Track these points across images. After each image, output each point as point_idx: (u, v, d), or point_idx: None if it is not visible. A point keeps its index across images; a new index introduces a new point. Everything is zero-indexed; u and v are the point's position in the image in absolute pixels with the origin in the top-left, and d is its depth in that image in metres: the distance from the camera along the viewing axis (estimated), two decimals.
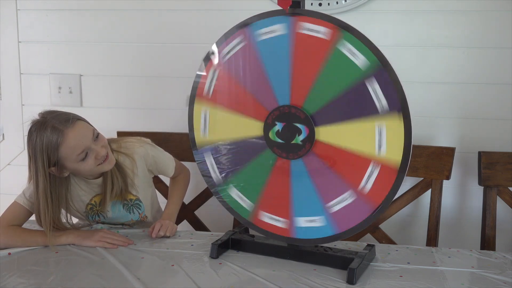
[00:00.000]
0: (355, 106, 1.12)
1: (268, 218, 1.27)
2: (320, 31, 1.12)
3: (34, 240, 1.34)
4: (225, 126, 1.29)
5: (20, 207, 1.38)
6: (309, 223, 1.22)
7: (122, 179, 1.43)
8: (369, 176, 1.13)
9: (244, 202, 1.30)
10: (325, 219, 1.20)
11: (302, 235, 1.24)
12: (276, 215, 1.26)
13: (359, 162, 1.14)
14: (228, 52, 1.24)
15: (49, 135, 1.26)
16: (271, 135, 1.22)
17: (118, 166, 1.42)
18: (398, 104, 1.07)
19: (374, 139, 1.11)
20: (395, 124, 1.08)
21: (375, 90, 1.08)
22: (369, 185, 1.14)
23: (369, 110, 1.10)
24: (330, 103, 1.14)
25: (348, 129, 1.14)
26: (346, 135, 1.14)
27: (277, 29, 1.17)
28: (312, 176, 1.20)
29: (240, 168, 1.29)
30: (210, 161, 1.32)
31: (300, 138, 1.19)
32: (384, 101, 1.08)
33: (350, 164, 1.16)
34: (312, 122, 1.17)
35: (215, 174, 1.32)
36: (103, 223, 1.50)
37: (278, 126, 1.21)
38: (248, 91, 1.24)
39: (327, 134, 1.17)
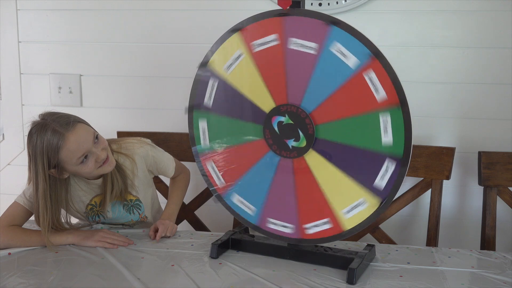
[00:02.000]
0: (359, 166, 1.14)
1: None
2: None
3: (34, 240, 1.34)
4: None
5: (20, 207, 1.38)
6: (241, 204, 1.24)
7: (122, 180, 1.42)
8: (318, 225, 1.18)
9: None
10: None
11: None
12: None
13: (320, 206, 1.17)
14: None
15: (50, 138, 1.26)
16: (274, 120, 1.21)
17: (118, 167, 1.42)
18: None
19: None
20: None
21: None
22: (313, 231, 1.18)
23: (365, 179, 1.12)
24: (339, 144, 1.15)
25: (335, 175, 1.16)
26: (329, 178, 1.16)
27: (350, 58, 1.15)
28: (277, 174, 1.22)
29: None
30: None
31: (292, 144, 1.20)
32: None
33: (312, 200, 1.19)
34: (313, 141, 1.17)
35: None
36: (103, 223, 1.50)
37: (285, 119, 1.20)
38: (285, 74, 1.21)
39: (315, 161, 1.18)
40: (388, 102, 1.07)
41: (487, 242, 1.56)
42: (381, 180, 1.12)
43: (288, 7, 1.15)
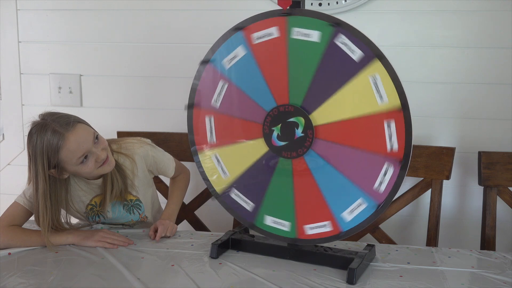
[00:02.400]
0: (335, 74, 1.12)
1: (313, 229, 1.24)
2: (270, 33, 1.15)
3: (34, 240, 1.34)
4: (236, 158, 1.29)
5: (20, 207, 1.38)
6: (353, 213, 1.18)
7: (122, 180, 1.42)
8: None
9: (282, 225, 1.28)
10: (367, 200, 1.16)
11: (352, 224, 1.19)
12: (319, 222, 1.22)
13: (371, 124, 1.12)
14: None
15: (50, 138, 1.26)
16: (274, 142, 1.22)
17: (118, 167, 1.42)
18: (370, 51, 1.07)
19: (372, 92, 1.09)
20: (381, 69, 1.07)
21: (346, 45, 1.09)
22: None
23: (350, 69, 1.10)
24: (311, 86, 1.15)
25: (340, 98, 1.13)
26: (341, 106, 1.14)
27: (238, 53, 1.21)
28: (331, 163, 1.18)
29: (265, 190, 1.27)
30: (238, 196, 1.31)
31: (300, 130, 1.19)
32: (359, 52, 1.08)
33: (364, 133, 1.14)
34: (303, 110, 1.17)
35: (248, 204, 1.31)
36: (103, 223, 1.50)
37: (276, 130, 1.21)
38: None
39: (322, 115, 1.16)
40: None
41: (487, 242, 1.56)
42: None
43: (288, 7, 1.15)
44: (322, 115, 1.16)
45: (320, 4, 1.73)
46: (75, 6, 1.89)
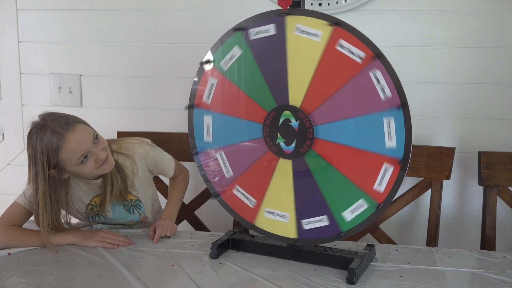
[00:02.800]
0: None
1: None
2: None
3: (34, 240, 1.34)
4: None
5: (20, 207, 1.38)
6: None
7: (122, 180, 1.42)
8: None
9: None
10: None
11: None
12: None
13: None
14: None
15: (49, 138, 1.26)
16: (288, 151, 1.21)
17: (118, 167, 1.42)
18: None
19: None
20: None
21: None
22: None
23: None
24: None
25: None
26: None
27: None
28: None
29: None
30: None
31: (294, 120, 1.19)
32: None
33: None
34: (297, 158, 1.18)
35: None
36: (103, 223, 1.50)
37: (280, 140, 1.21)
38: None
39: (284, 167, 1.19)
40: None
41: (487, 242, 1.56)
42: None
43: (288, 7, 1.15)
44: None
45: (320, 4, 1.73)
46: (75, 6, 1.89)
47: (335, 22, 1.10)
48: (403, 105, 1.06)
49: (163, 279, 1.18)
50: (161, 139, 1.70)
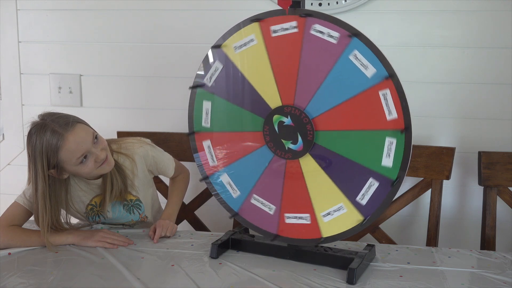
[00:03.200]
0: (348, 178, 1.15)
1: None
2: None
3: (34, 240, 1.34)
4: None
5: (20, 207, 1.38)
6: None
7: (122, 180, 1.42)
8: (299, 218, 1.19)
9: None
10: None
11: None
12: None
13: (304, 204, 1.18)
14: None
15: (49, 138, 1.26)
16: (274, 118, 1.21)
17: (117, 167, 1.42)
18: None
19: (329, 208, 1.16)
20: (350, 219, 1.13)
21: (369, 188, 1.12)
22: (291, 221, 1.20)
23: (350, 193, 1.14)
24: (337, 155, 1.16)
25: (324, 181, 1.16)
26: (318, 182, 1.17)
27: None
28: (266, 171, 1.23)
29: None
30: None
31: (289, 146, 1.20)
32: (365, 202, 1.12)
33: (298, 198, 1.20)
34: (310, 147, 1.18)
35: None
36: (103, 223, 1.50)
37: (287, 121, 1.20)
38: (297, 76, 1.20)
39: (308, 166, 1.19)
40: (396, 124, 1.08)
41: (487, 242, 1.56)
42: (363, 196, 1.14)
43: (288, 7, 1.15)
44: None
45: (320, 4, 1.73)
46: (75, 6, 1.89)
47: (353, 33, 1.09)
48: (406, 128, 1.07)
49: (163, 279, 1.18)
50: (161, 139, 1.70)
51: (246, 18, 1.21)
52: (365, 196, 1.14)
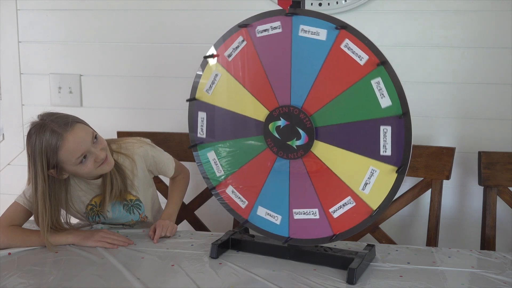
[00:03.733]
0: (361, 140, 1.13)
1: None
2: (359, 54, 1.10)
3: (34, 240, 1.34)
4: (231, 97, 1.28)
5: (20, 207, 1.38)
6: (268, 216, 1.27)
7: (122, 180, 1.42)
8: (342, 206, 1.18)
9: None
10: (284, 220, 1.25)
11: (257, 223, 1.29)
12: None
13: (339, 189, 1.17)
14: (263, 31, 1.22)
15: (48, 138, 1.26)
16: (270, 127, 1.22)
17: (117, 167, 1.42)
18: (400, 160, 1.09)
19: (363, 178, 1.14)
20: (388, 177, 1.11)
21: (385, 135, 1.10)
22: (338, 213, 1.19)
23: (372, 151, 1.12)
24: (339, 125, 1.15)
25: (345, 156, 1.16)
26: (340, 161, 1.16)
27: (320, 33, 1.14)
28: (292, 179, 1.23)
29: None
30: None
31: (296, 143, 1.20)
32: (389, 151, 1.10)
33: (330, 186, 1.19)
34: (314, 133, 1.17)
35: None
36: (103, 223, 1.50)
37: (281, 123, 1.20)
38: (267, 78, 1.22)
39: (323, 150, 1.18)
40: (371, 64, 1.07)
41: (487, 242, 1.56)
42: (385, 147, 1.11)
43: (288, 7, 1.15)
44: (323, 150, 1.17)
45: (320, 4, 1.73)
46: (75, 6, 1.89)
47: (341, 26, 1.09)
48: (404, 114, 1.07)
49: (163, 279, 1.18)
50: (161, 139, 1.70)
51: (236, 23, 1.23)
52: (386, 146, 1.11)
